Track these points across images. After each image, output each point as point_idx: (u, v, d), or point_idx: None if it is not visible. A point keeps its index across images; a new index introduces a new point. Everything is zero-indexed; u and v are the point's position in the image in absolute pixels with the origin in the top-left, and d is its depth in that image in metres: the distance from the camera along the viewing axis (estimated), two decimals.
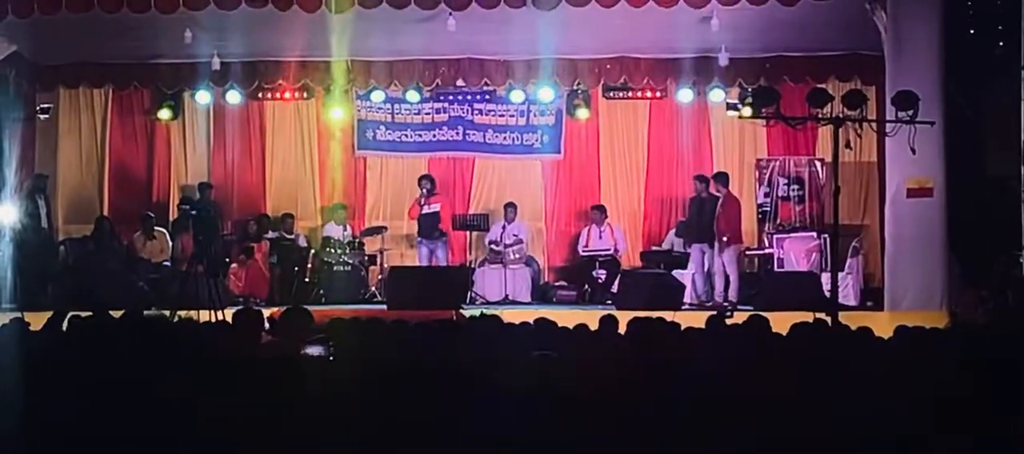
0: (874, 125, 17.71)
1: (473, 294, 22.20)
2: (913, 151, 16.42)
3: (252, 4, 19.55)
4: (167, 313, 15.02)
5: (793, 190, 23.00)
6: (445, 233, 23.27)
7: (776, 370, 7.78)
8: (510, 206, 23.35)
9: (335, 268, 22.68)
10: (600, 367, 8.02)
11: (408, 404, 6.26)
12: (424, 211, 23.00)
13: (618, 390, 6.78)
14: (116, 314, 11.22)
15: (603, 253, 22.82)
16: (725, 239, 21.34)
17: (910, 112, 16.06)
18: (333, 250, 22.78)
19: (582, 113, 23.78)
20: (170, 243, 22.80)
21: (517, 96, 23.39)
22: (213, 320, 14.44)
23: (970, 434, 5.80)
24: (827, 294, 17.34)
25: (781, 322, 10.32)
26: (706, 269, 21.74)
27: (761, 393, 6.49)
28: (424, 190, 23.03)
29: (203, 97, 23.44)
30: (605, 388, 6.82)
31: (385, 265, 23.03)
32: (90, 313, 11.19)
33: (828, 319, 14.10)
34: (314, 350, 9.82)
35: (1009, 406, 6.12)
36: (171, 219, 23.49)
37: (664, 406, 6.28)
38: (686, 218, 22.65)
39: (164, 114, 23.95)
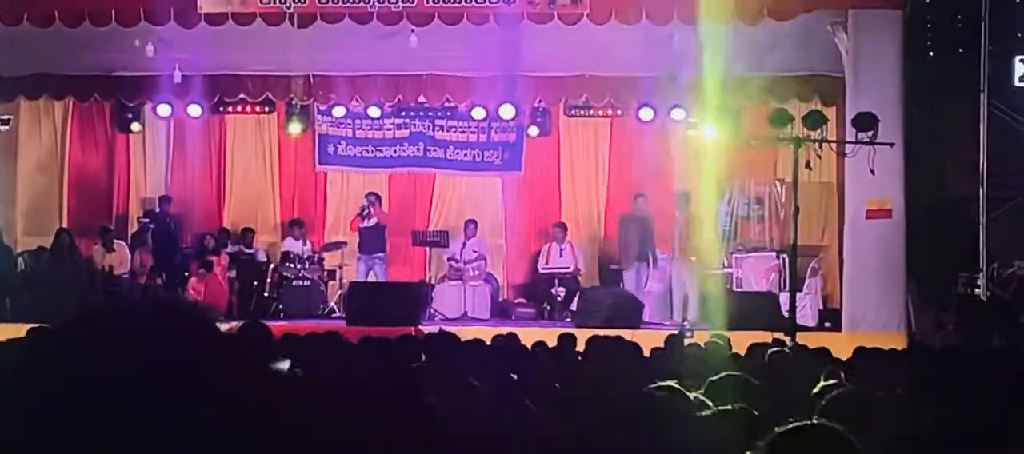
0: (834, 146, 17.84)
1: (432, 310, 22.12)
2: (872, 172, 16.53)
3: (212, 23, 19.57)
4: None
5: (753, 210, 23.03)
6: (383, 248, 23.14)
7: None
8: (470, 223, 23.27)
9: (294, 283, 22.61)
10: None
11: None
12: (364, 225, 22.94)
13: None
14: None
15: (563, 271, 22.77)
16: (693, 259, 21.37)
17: (870, 133, 16.20)
18: (292, 265, 22.71)
19: (543, 131, 23.79)
20: (129, 256, 22.69)
21: (478, 113, 23.32)
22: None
23: None
24: (786, 314, 17.40)
25: (740, 341, 10.37)
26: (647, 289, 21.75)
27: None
28: (367, 203, 22.97)
29: (164, 110, 23.25)
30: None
31: (344, 280, 22.96)
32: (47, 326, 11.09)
33: (786, 339, 14.19)
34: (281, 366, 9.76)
35: (970, 430, 6.12)
36: (131, 232, 23.40)
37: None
38: (622, 237, 22.53)
39: (125, 127, 23.89)
